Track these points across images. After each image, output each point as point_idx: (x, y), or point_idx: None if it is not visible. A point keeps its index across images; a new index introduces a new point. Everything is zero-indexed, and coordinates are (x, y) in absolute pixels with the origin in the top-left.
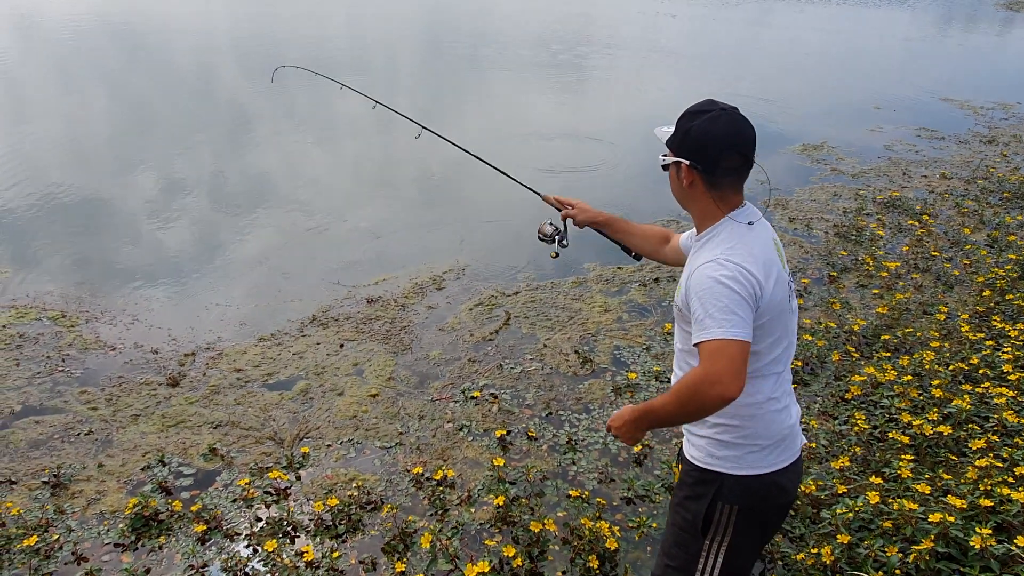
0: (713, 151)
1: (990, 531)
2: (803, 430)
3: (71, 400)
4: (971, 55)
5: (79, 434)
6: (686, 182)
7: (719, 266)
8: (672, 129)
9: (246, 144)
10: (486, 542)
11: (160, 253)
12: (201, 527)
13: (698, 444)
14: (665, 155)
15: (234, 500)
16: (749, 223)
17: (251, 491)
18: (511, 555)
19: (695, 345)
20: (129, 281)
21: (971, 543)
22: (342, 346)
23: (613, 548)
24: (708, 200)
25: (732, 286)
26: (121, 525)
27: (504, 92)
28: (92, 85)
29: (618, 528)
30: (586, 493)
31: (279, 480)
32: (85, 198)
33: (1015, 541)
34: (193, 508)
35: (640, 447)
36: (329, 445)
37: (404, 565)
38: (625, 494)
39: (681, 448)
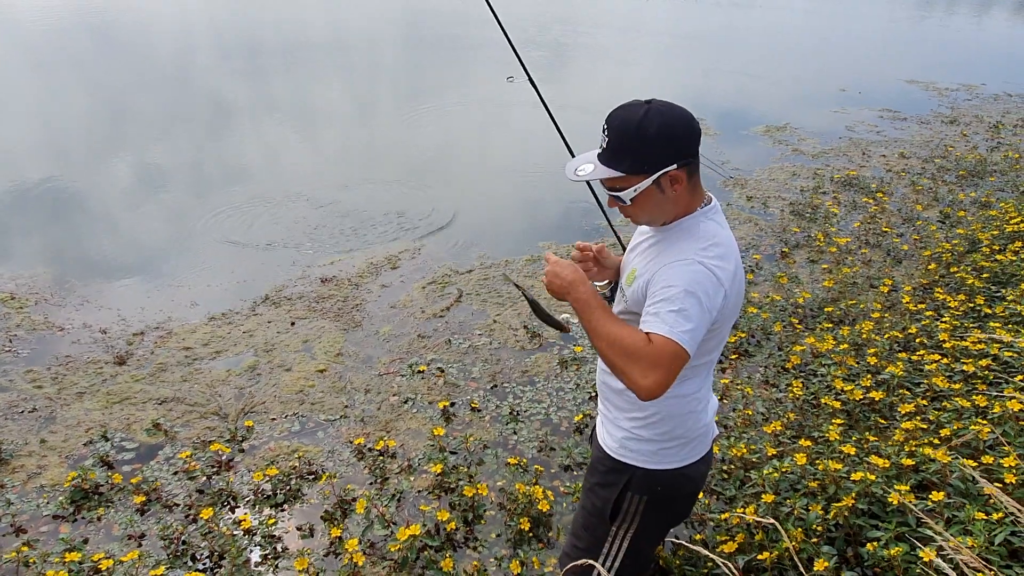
0: (696, 133)
1: (908, 488)
2: (741, 397)
3: (16, 379)
4: (943, 38)
5: (22, 411)
6: (675, 189)
7: (701, 271)
8: (592, 167)
9: (205, 127)
10: (421, 507)
11: (112, 236)
12: (140, 498)
13: (615, 435)
14: (636, 188)
15: (175, 472)
16: (716, 211)
17: (192, 463)
18: (445, 519)
19: (648, 333)
20: (80, 264)
21: (890, 499)
22: (293, 324)
23: (546, 510)
24: (687, 195)
25: (704, 301)
26: (61, 498)
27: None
28: (60, 74)
29: (552, 492)
30: (524, 461)
31: (220, 452)
32: (39, 182)
33: (931, 496)
34: (133, 480)
35: (581, 416)
36: (274, 419)
37: (340, 531)
38: (564, 461)
39: (594, 430)
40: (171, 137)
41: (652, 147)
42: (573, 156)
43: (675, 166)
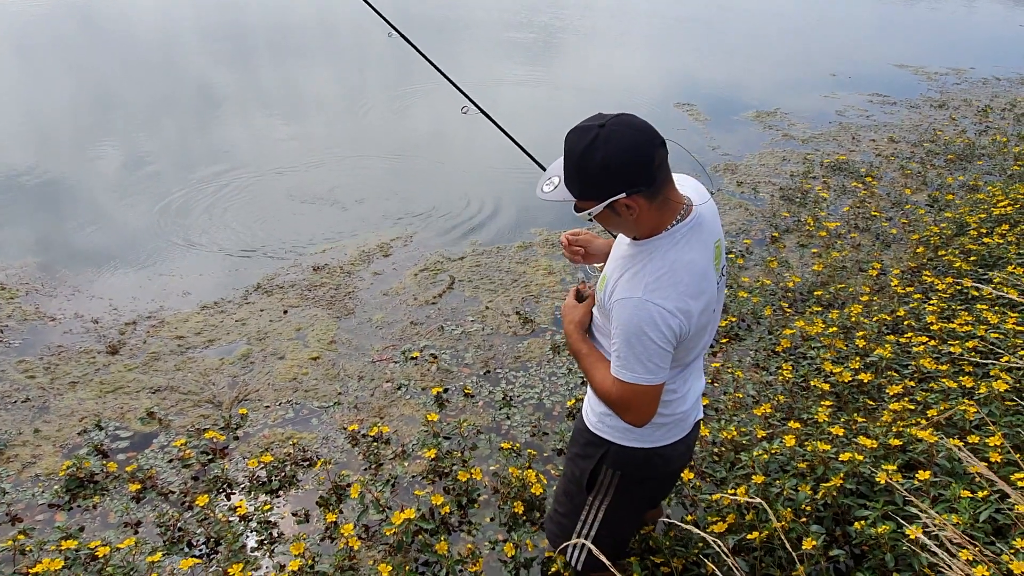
0: (645, 162)
1: (895, 467)
2: (731, 380)
3: (8, 369)
4: (933, 21)
5: (15, 401)
6: (632, 214)
7: (645, 312)
8: (559, 180)
9: (195, 114)
10: (415, 492)
11: (103, 225)
12: (136, 486)
13: (595, 410)
14: (589, 212)
15: (170, 460)
16: (691, 228)
17: (187, 451)
18: (439, 503)
19: (614, 375)
20: (71, 253)
21: (877, 479)
22: (286, 312)
23: (539, 494)
24: (654, 215)
25: (654, 336)
26: (56, 486)
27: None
28: (43, 59)
29: (545, 476)
30: (517, 445)
31: (215, 440)
32: (28, 172)
33: (917, 475)
34: (128, 469)
35: (573, 401)
36: (267, 407)
37: (335, 516)
38: (557, 446)
39: (576, 404)
40: (158, 124)
41: (596, 179)
42: (544, 170)
43: (624, 194)
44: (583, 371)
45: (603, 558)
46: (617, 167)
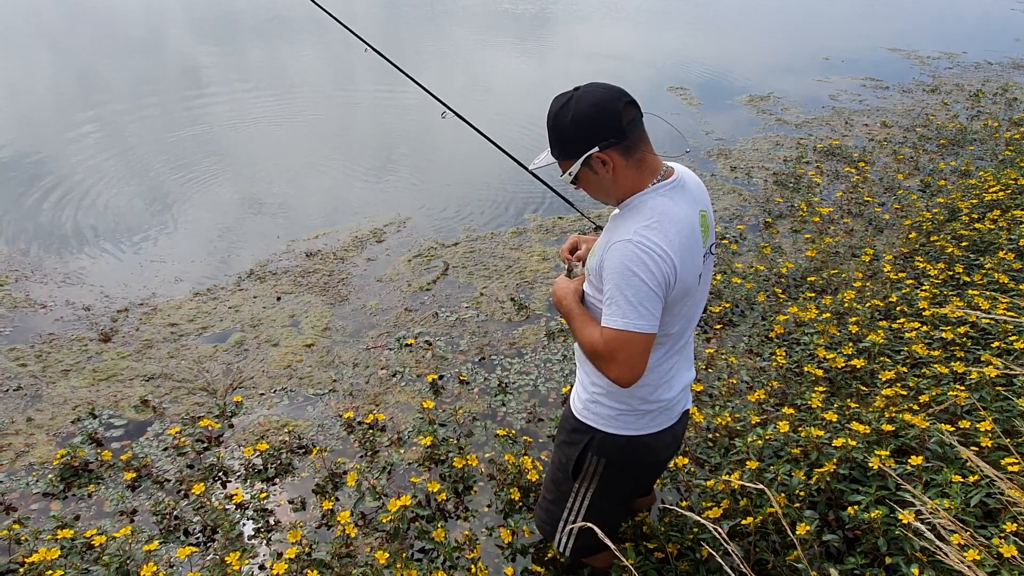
0: (611, 116)
1: (888, 453)
2: (725, 366)
3: None
4: (926, 4)
5: (7, 390)
6: (608, 171)
7: (635, 249)
8: (547, 153)
9: (184, 99)
10: (411, 479)
11: (94, 211)
12: (131, 475)
13: (581, 397)
14: (570, 172)
15: (165, 449)
16: (672, 187)
17: (182, 439)
18: (435, 490)
19: (605, 324)
20: (61, 240)
21: (870, 464)
22: (279, 299)
23: (535, 480)
24: (631, 173)
25: (644, 277)
26: (50, 475)
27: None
28: (31, 45)
29: (540, 463)
30: (513, 432)
31: (210, 428)
32: (16, 156)
33: (910, 460)
34: (123, 457)
35: (568, 387)
36: (262, 394)
37: (332, 503)
38: (552, 432)
39: (570, 392)
40: (145, 104)
41: (569, 136)
42: (525, 168)
43: (597, 149)
44: (573, 332)
45: (607, 541)
46: (586, 122)
